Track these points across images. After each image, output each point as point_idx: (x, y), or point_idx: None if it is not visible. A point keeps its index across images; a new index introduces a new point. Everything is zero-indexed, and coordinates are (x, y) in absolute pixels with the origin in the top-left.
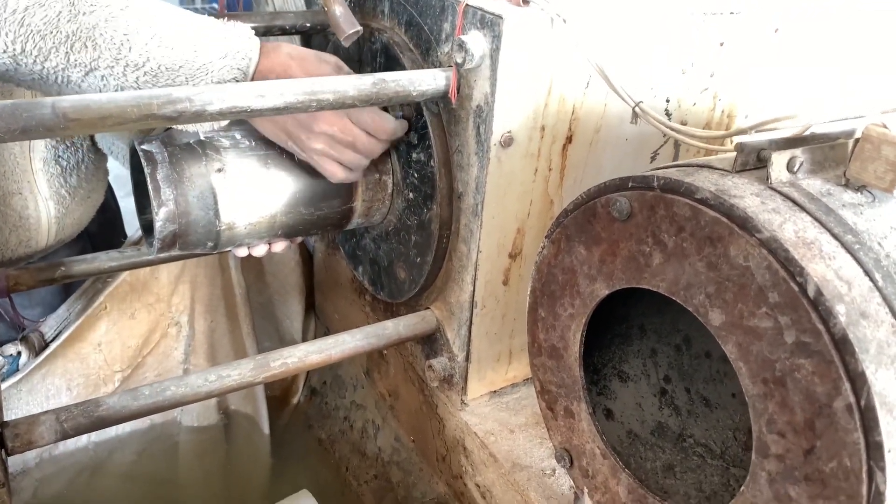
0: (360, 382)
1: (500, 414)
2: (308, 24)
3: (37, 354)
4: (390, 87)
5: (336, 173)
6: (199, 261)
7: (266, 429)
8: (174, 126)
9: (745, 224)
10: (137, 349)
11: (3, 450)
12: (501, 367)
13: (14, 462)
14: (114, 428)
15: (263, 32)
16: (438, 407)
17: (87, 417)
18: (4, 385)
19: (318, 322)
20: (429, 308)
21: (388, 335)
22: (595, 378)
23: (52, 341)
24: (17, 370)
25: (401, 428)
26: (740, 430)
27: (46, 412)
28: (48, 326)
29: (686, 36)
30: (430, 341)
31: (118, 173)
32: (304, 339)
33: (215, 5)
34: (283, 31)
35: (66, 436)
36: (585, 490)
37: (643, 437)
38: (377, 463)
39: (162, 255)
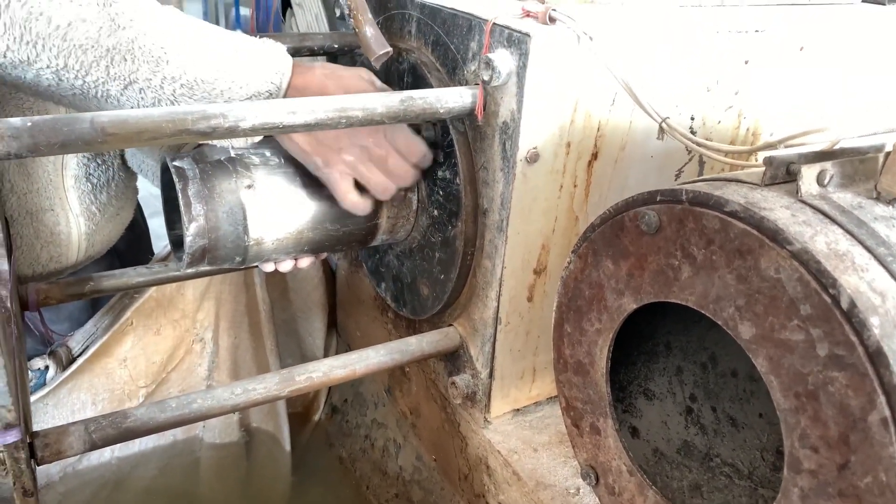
0: (381, 400)
1: (523, 432)
2: (336, 46)
3: (64, 369)
4: (417, 104)
5: (348, 194)
6: (224, 277)
7: (287, 446)
8: (207, 142)
9: (775, 236)
10: (162, 365)
11: (32, 459)
12: (525, 385)
13: (39, 475)
14: (136, 443)
15: (291, 53)
16: (461, 425)
17: (115, 428)
18: (32, 399)
19: (340, 339)
20: (452, 325)
21: (411, 351)
22: (621, 396)
23: (78, 356)
24: (45, 384)
25: (422, 446)
26: (768, 451)
27: (75, 423)
28: (75, 341)
29: (711, 53)
30: (453, 358)
31: (145, 193)
32: (326, 357)
33: (238, 31)
34: (312, 53)
35: (94, 446)
36: None
37: (669, 455)
38: (398, 482)
39: (189, 271)
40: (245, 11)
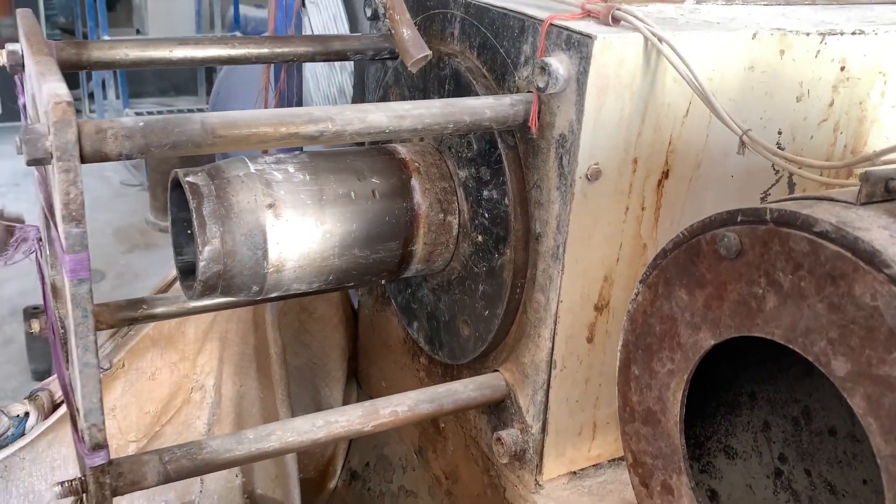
0: (410, 463)
1: (581, 499)
2: (370, 50)
3: (46, 416)
4: (460, 115)
5: None
6: (231, 314)
7: None
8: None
9: (872, 259)
10: (156, 416)
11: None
12: (584, 443)
13: None
14: None
15: (312, 57)
16: (507, 490)
17: (191, 460)
18: (7, 452)
19: (361, 391)
20: (497, 370)
21: (454, 398)
22: (697, 453)
23: (62, 402)
24: (24, 433)
25: None
26: None
27: (149, 452)
28: (58, 385)
29: (801, 58)
30: (499, 410)
31: None
32: None
33: (238, 33)
34: (339, 56)
35: (168, 479)
36: None
37: None
38: None
39: (196, 304)
40: (246, 10)
